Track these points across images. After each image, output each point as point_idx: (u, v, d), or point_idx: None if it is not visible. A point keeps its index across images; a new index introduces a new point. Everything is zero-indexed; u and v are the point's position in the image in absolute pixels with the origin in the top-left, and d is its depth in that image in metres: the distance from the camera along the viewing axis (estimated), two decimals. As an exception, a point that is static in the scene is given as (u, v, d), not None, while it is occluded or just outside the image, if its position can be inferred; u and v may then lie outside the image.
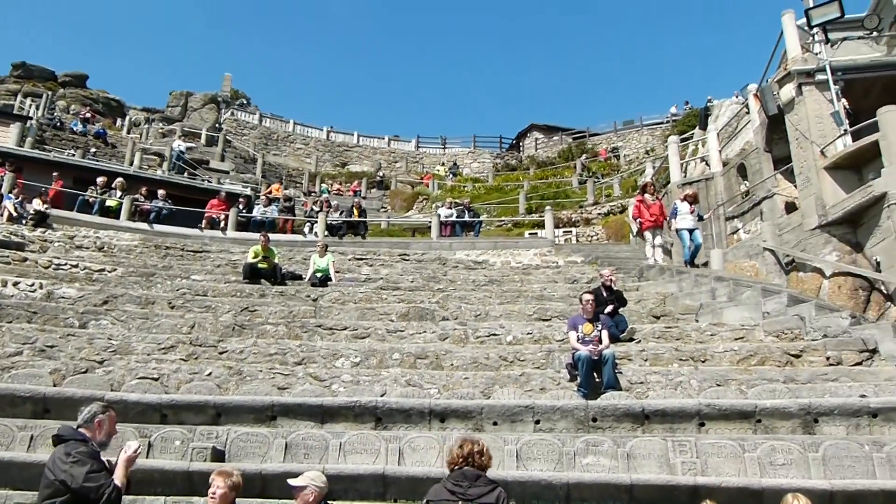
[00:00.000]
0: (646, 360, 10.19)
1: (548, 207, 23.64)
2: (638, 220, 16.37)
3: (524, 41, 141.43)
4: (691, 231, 15.23)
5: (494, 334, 11.52)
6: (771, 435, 7.83)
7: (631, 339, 10.98)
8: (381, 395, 8.89)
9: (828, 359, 9.94)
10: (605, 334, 9.55)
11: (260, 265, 15.11)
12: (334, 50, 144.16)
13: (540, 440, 7.64)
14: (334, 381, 9.72)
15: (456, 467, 4.94)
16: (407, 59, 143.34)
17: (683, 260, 15.39)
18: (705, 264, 15.31)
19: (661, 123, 43.12)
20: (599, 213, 27.27)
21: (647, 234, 16.18)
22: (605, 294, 11.30)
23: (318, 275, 15.22)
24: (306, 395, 8.93)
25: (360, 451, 7.60)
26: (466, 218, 23.35)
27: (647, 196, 16.11)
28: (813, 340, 10.41)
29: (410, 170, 42.92)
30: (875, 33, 14.00)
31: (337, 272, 15.73)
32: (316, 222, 22.00)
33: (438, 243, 20.67)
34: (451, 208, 24.00)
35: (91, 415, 5.00)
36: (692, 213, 15.31)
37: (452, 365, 10.37)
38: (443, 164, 43.81)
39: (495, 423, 8.27)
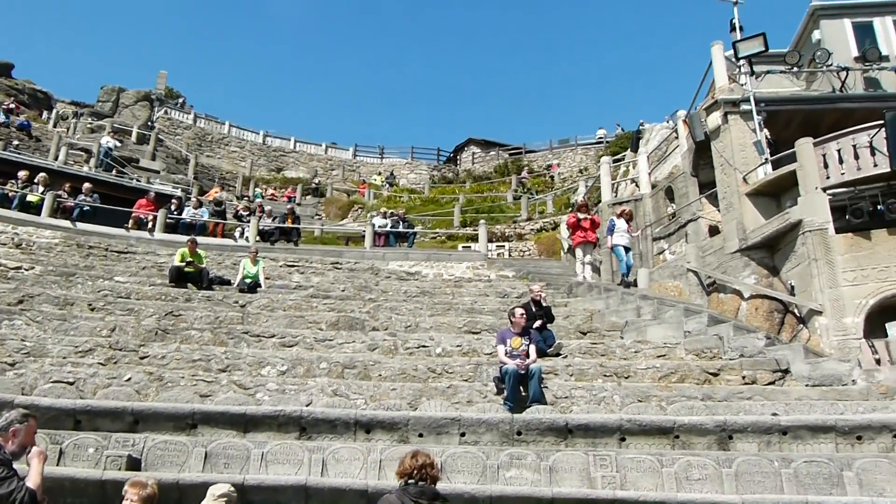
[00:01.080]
0: (571, 376, 10.38)
1: (482, 221, 23.82)
2: (569, 238, 16.67)
3: (464, 54, 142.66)
4: (626, 249, 15.54)
5: (424, 346, 11.54)
6: (688, 450, 8.06)
7: (558, 354, 11.16)
8: (307, 405, 8.80)
9: (744, 378, 10.33)
10: (532, 349, 9.67)
11: (187, 269, 14.78)
12: (274, 53, 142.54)
13: (465, 453, 7.69)
14: (259, 390, 9.57)
15: (410, 479, 4.91)
16: (346, 65, 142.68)
17: (622, 274, 15.67)
18: (634, 283, 15.68)
19: (595, 144, 44.05)
20: (532, 229, 27.63)
21: (578, 251, 16.48)
22: (534, 309, 11.46)
23: (248, 280, 14.97)
24: (229, 403, 8.77)
25: (283, 461, 7.51)
26: (401, 228, 23.32)
27: (580, 214, 16.43)
28: (730, 360, 10.80)
29: (347, 178, 42.64)
30: (795, 69, 14.70)
31: (267, 279, 15.51)
32: (248, 227, 21.64)
33: (372, 253, 20.60)
34: (386, 218, 23.94)
35: (7, 422, 4.77)
36: (629, 230, 15.65)
37: (381, 376, 10.34)
38: (380, 173, 43.69)
39: (421, 435, 8.28)
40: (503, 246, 25.81)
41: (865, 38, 15.19)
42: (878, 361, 10.87)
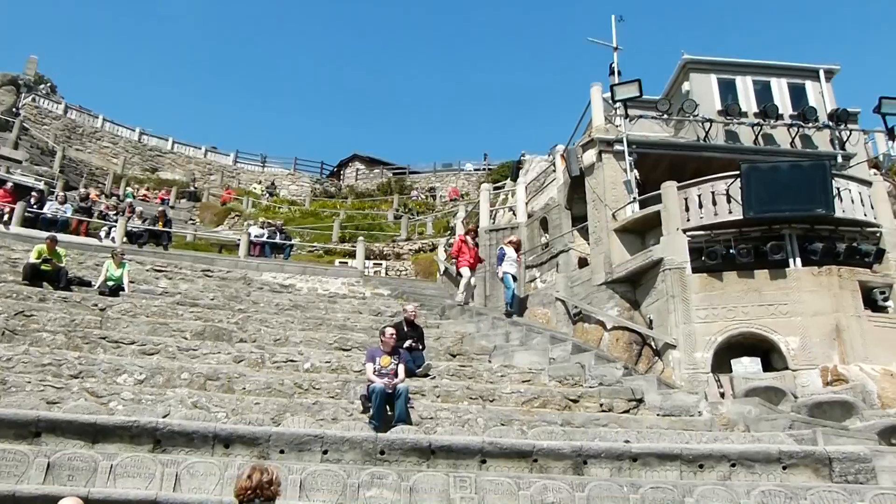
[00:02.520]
0: (438, 397, 10.51)
1: (361, 238, 23.81)
2: (453, 259, 16.71)
3: (355, 67, 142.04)
4: (514, 277, 15.56)
5: (292, 360, 11.36)
6: (545, 474, 8.30)
7: (426, 375, 11.27)
8: (164, 417, 8.44)
9: (601, 405, 10.83)
10: (401, 368, 9.77)
11: (43, 267, 13.89)
12: (156, 47, 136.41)
13: (326, 471, 7.60)
14: (113, 399, 9.12)
15: (244, 499, 4.75)
16: (230, 67, 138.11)
17: (506, 304, 15.58)
18: (518, 314, 15.82)
19: (478, 170, 45.14)
20: (411, 249, 27.84)
21: (463, 272, 16.38)
22: (406, 329, 11.56)
23: (110, 283, 14.26)
24: (79, 411, 8.28)
25: (134, 474, 7.15)
26: (277, 239, 22.94)
27: (468, 238, 16.63)
28: (590, 387, 11.29)
29: (226, 184, 41.38)
30: (666, 116, 15.66)
31: (132, 282, 14.82)
32: (115, 227, 20.61)
33: (245, 262, 20.10)
34: (263, 228, 23.51)
35: None
36: (518, 259, 15.71)
37: (245, 389, 10.09)
38: (260, 182, 42.76)
39: (282, 452, 8.11)
40: (381, 264, 25.85)
41: (728, 93, 16.40)
42: (722, 395, 11.65)
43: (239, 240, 22.37)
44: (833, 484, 8.20)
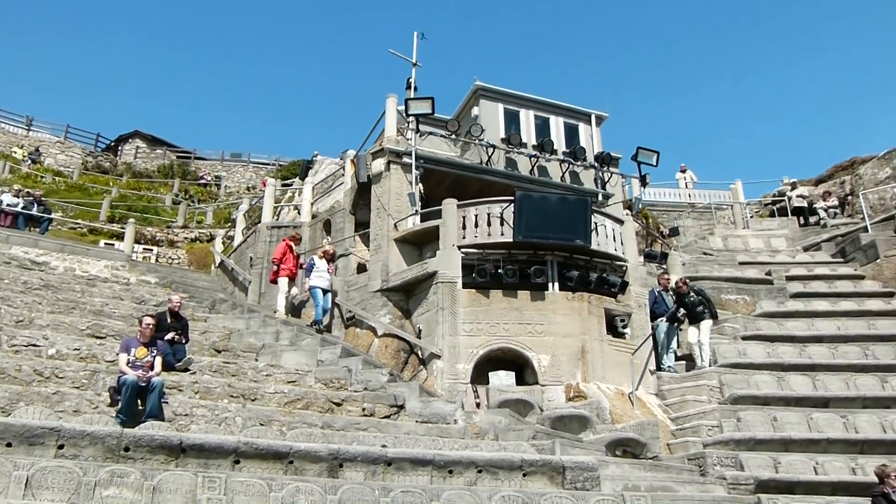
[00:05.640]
0: (196, 393, 10.11)
1: (132, 220, 22.35)
2: (275, 266, 15.87)
3: (139, 38, 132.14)
4: (325, 291, 14.82)
5: (35, 345, 10.36)
6: (299, 476, 8.27)
7: (187, 370, 10.81)
8: None
9: (364, 410, 11.01)
10: (158, 361, 9.32)
11: None
12: None
13: (59, 467, 7.01)
14: None
15: None
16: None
17: (316, 319, 14.66)
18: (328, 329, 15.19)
19: (268, 164, 44.14)
20: (186, 238, 26.54)
21: (282, 282, 15.79)
22: (169, 320, 11.04)
23: None
24: None
25: None
26: (34, 211, 20.88)
27: (293, 245, 16.07)
28: (355, 391, 11.45)
29: (-23, 143, 36.97)
30: (454, 136, 16.35)
31: None
32: None
33: (-8, 233, 18.07)
34: (18, 197, 21.25)
35: None
36: (330, 272, 15.05)
37: (-28, 374, 9.04)
38: (22, 146, 38.62)
39: (9, 445, 7.35)
40: (152, 250, 24.36)
41: (512, 123, 17.45)
42: (478, 405, 12.31)
43: (-14, 207, 20.08)
44: (564, 490, 8.97)
